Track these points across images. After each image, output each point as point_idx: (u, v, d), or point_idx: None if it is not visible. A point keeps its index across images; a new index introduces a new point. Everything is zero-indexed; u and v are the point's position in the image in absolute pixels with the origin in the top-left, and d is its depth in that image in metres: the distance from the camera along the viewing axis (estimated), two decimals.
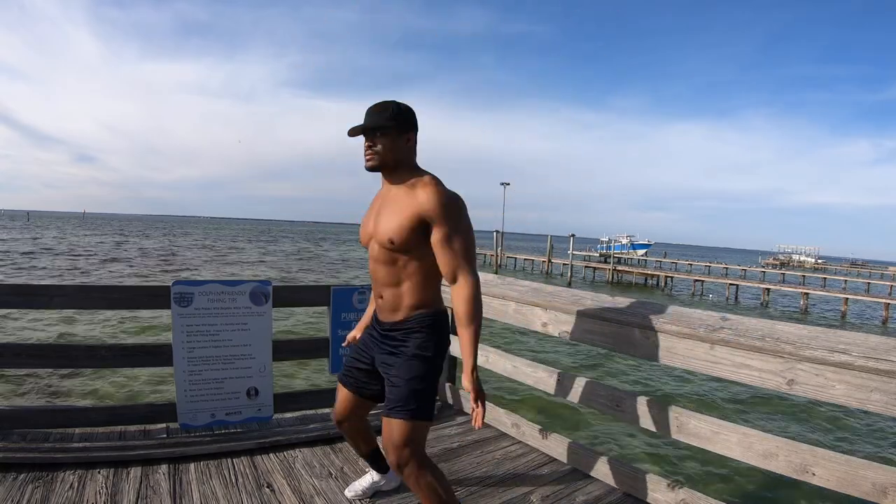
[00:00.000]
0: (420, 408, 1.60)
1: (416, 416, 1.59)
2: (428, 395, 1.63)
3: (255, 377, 2.53)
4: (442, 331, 1.71)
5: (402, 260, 1.62)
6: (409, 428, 1.58)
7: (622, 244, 45.20)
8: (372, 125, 1.61)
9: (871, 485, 1.43)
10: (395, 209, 1.61)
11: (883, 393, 1.40)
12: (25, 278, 16.92)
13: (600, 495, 2.10)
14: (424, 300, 1.66)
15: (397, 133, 1.62)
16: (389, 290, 1.67)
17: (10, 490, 1.87)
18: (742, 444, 1.72)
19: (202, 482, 2.04)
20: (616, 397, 2.13)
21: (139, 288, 3.37)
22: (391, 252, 1.62)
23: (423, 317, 1.65)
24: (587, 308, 2.17)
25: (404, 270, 1.63)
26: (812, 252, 71.13)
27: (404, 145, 1.65)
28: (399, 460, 1.58)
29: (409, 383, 1.60)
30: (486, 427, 2.75)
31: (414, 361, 1.63)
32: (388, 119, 1.61)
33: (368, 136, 1.63)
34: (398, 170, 1.66)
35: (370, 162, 1.64)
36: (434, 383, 1.68)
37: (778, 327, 1.67)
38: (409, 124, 1.66)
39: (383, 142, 1.61)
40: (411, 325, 1.65)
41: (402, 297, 1.65)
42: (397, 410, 1.59)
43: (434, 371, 1.67)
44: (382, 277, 1.67)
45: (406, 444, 1.57)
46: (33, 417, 2.43)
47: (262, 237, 63.69)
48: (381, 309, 1.72)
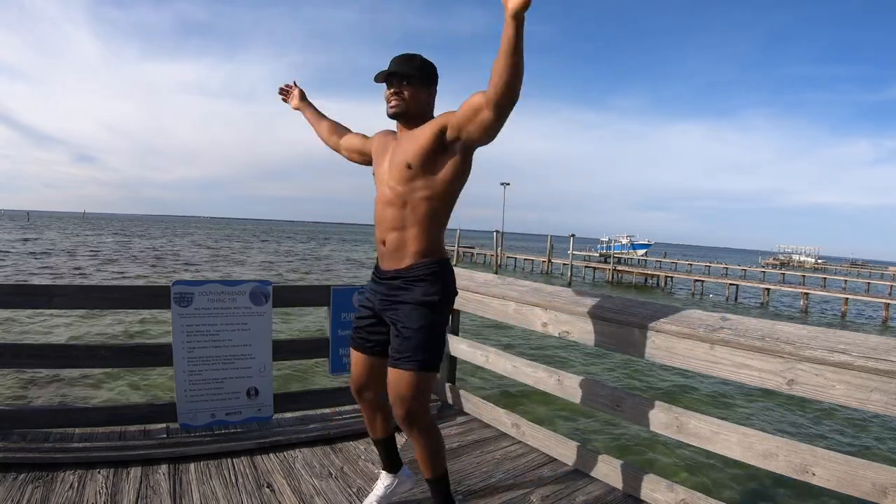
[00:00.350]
0: (428, 358, 1.57)
1: (423, 367, 1.56)
2: (436, 345, 1.60)
3: (255, 377, 2.53)
4: (447, 278, 1.67)
5: (411, 202, 1.61)
6: (417, 379, 1.55)
7: (622, 244, 45.20)
8: (400, 71, 1.62)
9: (871, 485, 1.43)
10: (410, 140, 1.62)
11: (883, 393, 1.40)
12: (41, 278, 16.92)
13: (600, 495, 2.10)
14: (429, 247, 1.63)
15: (422, 84, 1.65)
16: (394, 234, 1.63)
17: (10, 490, 1.87)
18: (742, 444, 1.72)
19: (202, 482, 2.04)
20: (616, 397, 2.14)
21: (139, 288, 3.37)
22: (404, 185, 1.60)
23: (427, 264, 1.62)
24: (587, 308, 2.17)
25: (412, 214, 1.61)
26: (812, 252, 71.16)
27: (426, 97, 1.67)
28: (408, 413, 1.56)
29: (417, 332, 1.57)
30: (486, 427, 2.75)
31: (421, 309, 1.59)
32: (415, 69, 1.63)
33: (395, 82, 1.63)
34: (418, 119, 1.66)
35: (395, 108, 1.64)
36: (442, 332, 1.66)
37: (778, 327, 1.67)
38: (433, 78, 1.69)
39: (409, 90, 1.63)
40: (416, 272, 1.62)
41: (407, 242, 1.63)
42: (405, 360, 1.56)
43: (442, 319, 1.64)
44: (389, 220, 1.64)
45: (414, 396, 1.55)
46: (33, 417, 2.43)
47: (265, 237, 63.62)
48: (384, 256, 1.68)
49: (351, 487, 2.07)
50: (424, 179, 1.60)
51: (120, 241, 39.59)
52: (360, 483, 2.10)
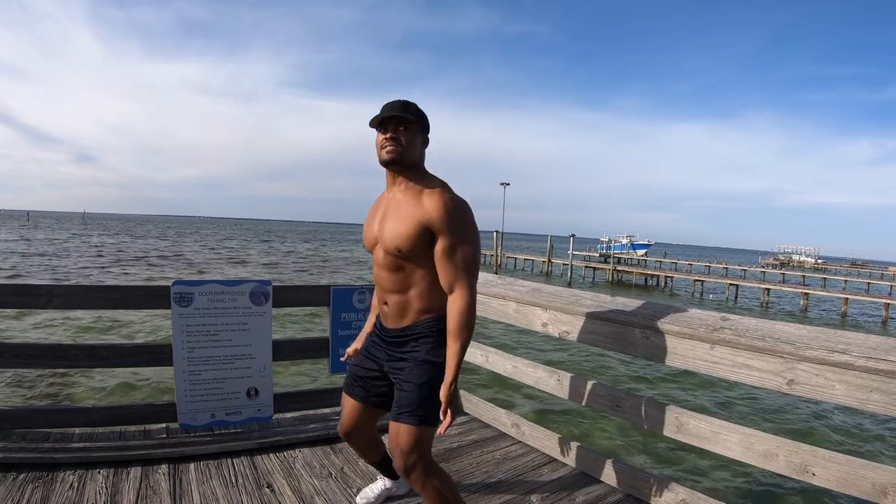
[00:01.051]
0: (428, 414, 1.56)
1: (423, 422, 1.56)
2: (436, 401, 1.58)
3: (255, 377, 2.53)
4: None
5: (408, 267, 1.59)
6: (417, 433, 1.55)
7: (622, 244, 45.19)
8: (400, 115, 1.56)
9: (871, 485, 1.43)
10: (401, 215, 1.57)
11: (883, 393, 1.40)
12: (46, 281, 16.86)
13: (600, 495, 2.10)
14: (432, 305, 1.61)
15: (418, 131, 1.61)
16: (395, 297, 1.62)
17: (10, 490, 1.87)
18: (742, 444, 1.72)
19: (202, 482, 2.04)
20: (616, 397, 2.14)
21: (139, 288, 3.36)
22: (397, 259, 1.58)
23: (431, 321, 1.61)
24: (587, 308, 2.17)
25: (411, 277, 1.60)
26: (812, 252, 71.12)
27: (420, 146, 1.64)
28: (406, 465, 1.56)
29: (419, 389, 1.57)
30: (486, 427, 2.75)
31: (425, 366, 1.59)
32: (414, 113, 1.59)
33: (392, 127, 1.57)
34: (411, 170, 1.62)
35: (391, 154, 1.56)
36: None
37: (778, 327, 1.67)
38: (427, 126, 1.66)
39: (406, 135, 1.58)
40: (420, 330, 1.62)
41: (409, 303, 1.61)
42: (406, 415, 1.56)
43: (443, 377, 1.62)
44: (388, 284, 1.63)
45: (413, 450, 1.55)
46: (33, 417, 2.43)
47: (267, 237, 63.49)
48: (387, 316, 1.67)
49: (351, 487, 2.07)
50: (417, 259, 1.57)
51: (122, 241, 39.51)
52: (360, 483, 2.10)
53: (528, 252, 40.99)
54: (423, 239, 1.54)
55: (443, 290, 1.59)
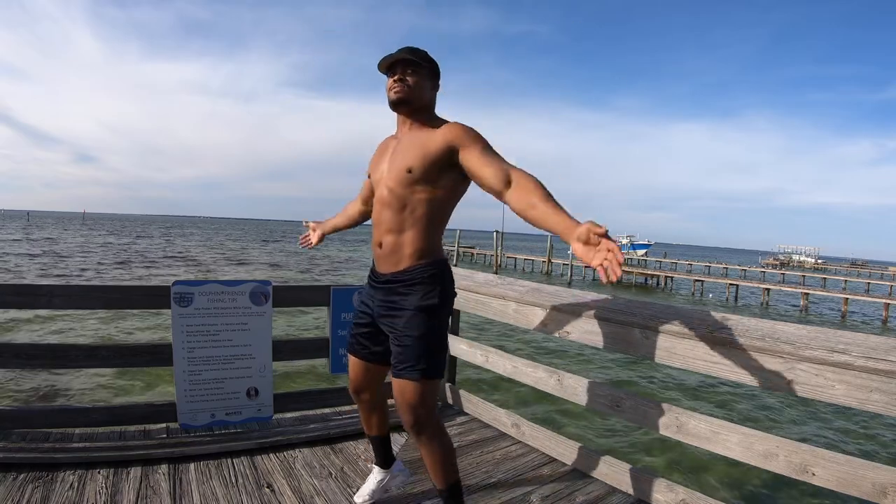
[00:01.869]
0: (431, 366, 1.54)
1: (426, 375, 1.54)
2: (438, 351, 1.58)
3: (255, 377, 2.53)
4: (445, 279, 1.64)
5: (410, 203, 1.56)
6: (422, 387, 1.53)
7: (622, 244, 45.20)
8: (407, 57, 1.59)
9: (871, 485, 1.43)
10: (415, 144, 1.57)
11: (883, 393, 1.40)
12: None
13: (600, 495, 2.10)
14: (427, 249, 1.59)
15: (427, 75, 1.62)
16: (391, 237, 1.60)
17: (10, 490, 1.87)
18: (742, 444, 1.72)
19: (202, 482, 2.04)
20: (616, 397, 2.13)
21: (139, 288, 3.37)
22: (403, 189, 1.56)
23: (425, 266, 1.58)
24: (587, 308, 2.16)
25: (411, 216, 1.57)
26: (812, 252, 71.13)
27: (430, 90, 1.65)
28: (414, 421, 1.55)
29: (418, 340, 1.54)
30: (486, 427, 2.75)
31: (421, 315, 1.55)
32: (422, 58, 1.60)
33: (400, 69, 1.60)
34: (420, 113, 1.63)
35: (399, 94, 1.58)
36: (443, 337, 1.63)
37: (778, 327, 1.67)
38: (437, 72, 1.67)
39: (414, 78, 1.59)
40: (413, 275, 1.58)
41: (404, 244, 1.58)
42: (408, 370, 1.53)
43: (442, 324, 1.61)
44: (387, 222, 1.60)
45: (420, 404, 1.53)
46: (33, 417, 2.43)
47: (270, 238, 63.35)
48: (381, 258, 1.64)
49: (351, 487, 2.07)
50: (425, 184, 1.56)
51: (125, 242, 39.40)
52: (360, 483, 2.10)
53: (528, 252, 40.99)
54: (441, 158, 1.53)
55: (438, 234, 1.63)
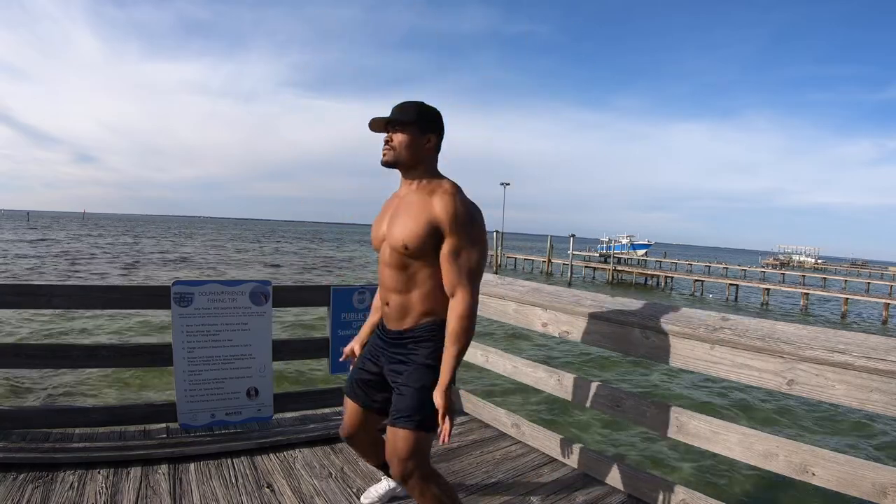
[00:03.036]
0: (426, 418, 1.55)
1: (421, 427, 1.54)
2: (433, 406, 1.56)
3: (255, 377, 2.53)
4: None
5: (413, 266, 1.58)
6: (414, 438, 1.53)
7: (622, 244, 45.20)
8: (391, 119, 1.59)
9: (871, 485, 1.43)
10: (410, 214, 1.57)
11: (883, 393, 1.40)
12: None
13: (600, 495, 2.10)
14: (433, 308, 1.60)
15: (417, 132, 1.60)
16: (397, 297, 1.61)
17: (10, 490, 1.87)
18: (742, 444, 1.72)
19: (202, 482, 2.04)
20: (616, 397, 2.14)
21: (139, 288, 3.37)
22: (403, 257, 1.57)
23: (431, 325, 1.60)
24: (587, 308, 2.17)
25: (415, 277, 1.58)
26: (812, 252, 71.09)
27: (423, 146, 1.61)
28: (403, 472, 1.54)
29: (416, 393, 1.56)
30: (486, 427, 2.75)
31: (423, 370, 1.58)
32: (408, 116, 1.59)
33: (390, 129, 1.61)
34: (415, 170, 1.62)
35: (385, 157, 1.61)
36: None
37: (778, 327, 1.67)
38: (431, 126, 1.62)
39: (400, 138, 1.59)
40: (419, 333, 1.60)
41: (411, 304, 1.60)
42: (403, 420, 1.54)
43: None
44: (391, 283, 1.62)
45: (410, 456, 1.53)
46: (33, 417, 2.43)
47: (273, 238, 63.13)
48: (388, 317, 1.66)
49: (351, 488, 2.07)
50: (422, 258, 1.56)
51: (129, 242, 39.30)
52: (360, 483, 2.10)
53: (528, 252, 40.98)
54: (431, 238, 1.53)
55: (444, 294, 1.58)
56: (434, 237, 1.53)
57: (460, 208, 1.53)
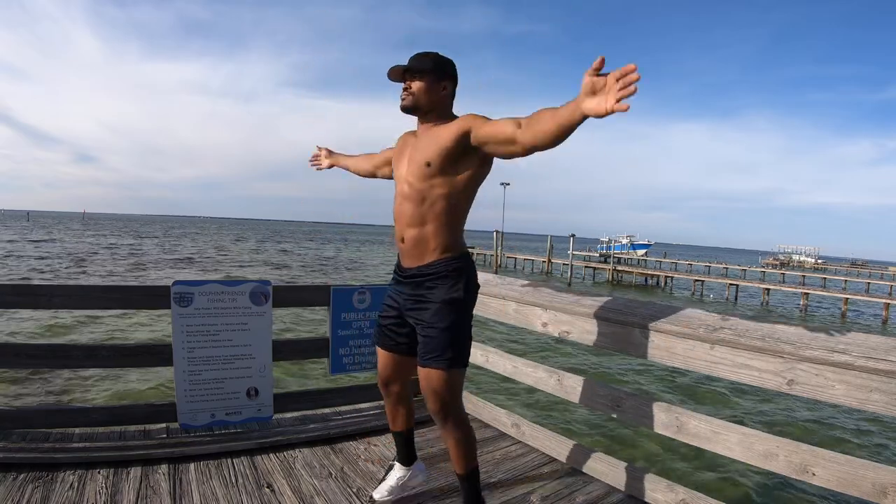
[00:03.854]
0: (456, 356, 1.62)
1: (453, 364, 1.61)
2: (463, 341, 1.65)
3: (255, 377, 2.53)
4: (470, 273, 1.70)
5: (429, 198, 1.63)
6: (447, 376, 1.60)
7: (622, 244, 45.21)
8: (409, 67, 1.67)
9: (871, 485, 1.43)
10: (431, 140, 1.65)
11: (883, 393, 1.40)
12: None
13: (600, 495, 2.10)
14: (449, 243, 1.66)
15: (433, 78, 1.68)
16: (413, 231, 1.66)
17: (10, 490, 1.87)
18: (742, 444, 1.72)
19: (202, 482, 2.04)
20: (616, 397, 2.13)
21: (139, 288, 3.37)
22: (422, 183, 1.64)
23: (449, 260, 1.65)
24: (587, 308, 2.17)
25: (431, 209, 1.64)
26: (812, 252, 71.06)
27: (439, 92, 1.70)
28: (440, 406, 1.62)
29: (443, 332, 1.61)
30: (486, 427, 2.75)
31: (447, 307, 1.62)
32: (425, 64, 1.67)
33: (408, 77, 1.69)
34: (432, 114, 1.70)
35: (403, 101, 1.70)
36: (468, 328, 1.70)
37: (778, 327, 1.67)
38: (445, 73, 1.71)
39: (418, 84, 1.67)
40: (437, 269, 1.65)
41: (427, 239, 1.65)
42: (434, 360, 1.61)
43: (467, 316, 1.68)
44: (408, 216, 1.67)
45: (446, 392, 1.61)
46: (33, 417, 2.43)
47: (278, 238, 62.90)
48: (405, 253, 1.72)
49: (351, 487, 2.07)
50: (443, 177, 1.63)
51: (133, 242, 39.14)
52: (360, 483, 2.10)
53: (528, 252, 40.97)
54: (456, 147, 1.60)
55: (459, 228, 1.70)
56: (460, 145, 1.60)
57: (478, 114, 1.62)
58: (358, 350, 2.81)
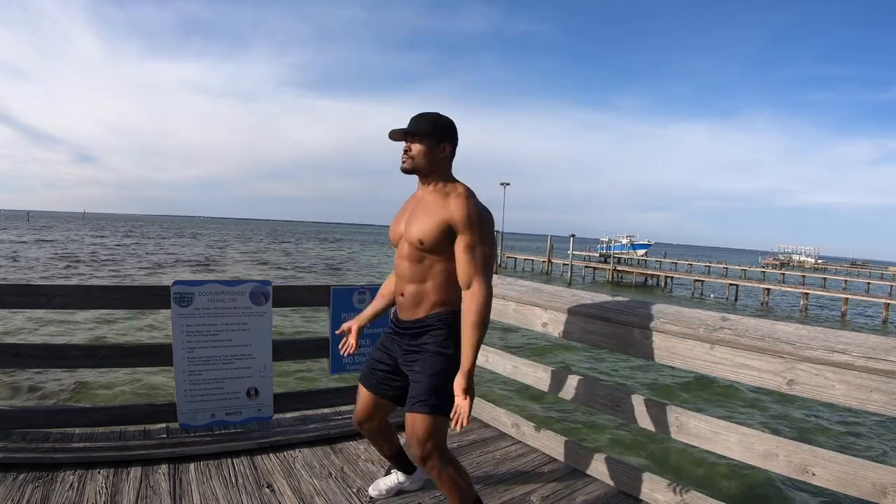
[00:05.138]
0: (440, 402, 1.65)
1: (436, 411, 1.64)
2: (448, 391, 1.67)
3: (255, 377, 2.53)
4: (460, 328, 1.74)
5: (428, 259, 1.70)
6: (431, 422, 1.64)
7: (622, 244, 45.19)
8: (409, 130, 1.72)
9: (871, 485, 1.43)
10: (427, 213, 1.69)
11: (883, 393, 1.40)
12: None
13: (600, 495, 2.10)
14: (445, 299, 1.72)
15: (433, 141, 1.72)
16: (412, 287, 1.73)
17: (10, 490, 1.87)
18: (742, 444, 1.72)
19: (202, 482, 2.04)
20: (616, 397, 2.13)
21: (139, 288, 3.37)
22: (419, 251, 1.69)
23: (443, 315, 1.71)
24: (587, 308, 2.17)
25: (430, 270, 1.70)
26: (812, 252, 71.02)
27: (439, 154, 1.74)
28: (423, 453, 1.65)
29: (430, 379, 1.66)
30: (486, 427, 2.75)
31: (435, 357, 1.69)
32: (425, 127, 1.72)
33: (408, 139, 1.73)
34: (432, 176, 1.74)
35: (404, 164, 1.74)
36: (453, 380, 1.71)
37: (778, 327, 1.67)
38: (446, 136, 1.75)
39: (418, 147, 1.72)
40: (431, 322, 1.71)
41: (425, 295, 1.72)
42: (419, 405, 1.65)
43: (454, 367, 1.71)
44: (408, 274, 1.73)
45: (428, 438, 1.64)
46: (33, 417, 2.43)
47: (282, 239, 62.67)
48: (402, 307, 1.78)
49: (351, 487, 2.07)
50: (437, 253, 1.69)
51: (136, 243, 38.99)
52: (360, 483, 2.10)
53: (528, 252, 40.96)
54: (445, 235, 1.65)
55: (457, 285, 1.70)
56: (448, 234, 1.65)
57: (473, 210, 1.66)
58: (358, 350, 2.81)
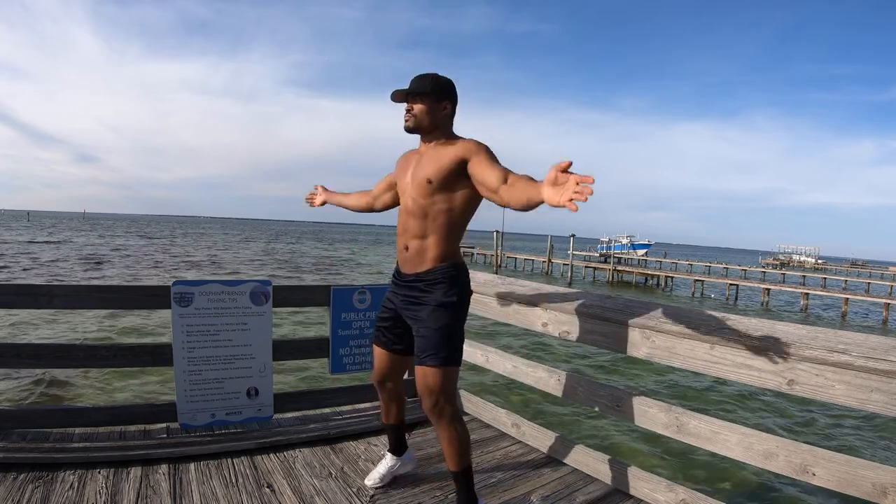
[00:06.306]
0: (450, 354, 1.72)
1: (447, 363, 1.71)
2: (456, 342, 1.76)
3: (256, 377, 2.53)
4: (464, 280, 1.82)
5: (431, 213, 1.75)
6: (442, 374, 1.70)
7: (622, 244, 45.20)
8: (410, 90, 1.77)
9: (871, 485, 1.44)
10: (433, 158, 1.76)
11: (883, 393, 1.40)
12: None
13: (600, 495, 2.10)
14: (447, 253, 1.78)
15: (434, 99, 1.77)
16: (416, 242, 1.78)
17: (10, 490, 1.87)
18: (742, 444, 1.72)
19: (202, 482, 2.04)
20: (616, 397, 2.14)
21: (139, 288, 3.38)
22: (425, 199, 1.75)
23: (445, 268, 1.77)
24: (587, 308, 2.17)
25: (433, 223, 1.76)
26: (812, 252, 71.01)
27: (440, 112, 1.79)
28: (434, 404, 1.71)
29: (438, 332, 1.72)
30: (486, 427, 2.75)
31: (440, 310, 1.74)
32: (425, 85, 1.76)
33: (410, 99, 1.79)
34: (434, 133, 1.81)
35: (406, 123, 1.79)
36: (460, 330, 1.81)
37: (778, 327, 1.67)
38: (445, 93, 1.80)
39: (419, 106, 1.77)
40: (435, 275, 1.77)
41: (427, 248, 1.77)
42: (430, 357, 1.71)
43: (460, 318, 1.78)
44: (411, 228, 1.79)
45: (441, 390, 1.70)
46: (33, 417, 2.43)
47: (285, 239, 62.60)
48: (405, 261, 1.83)
49: (351, 487, 2.07)
50: (443, 194, 1.75)
51: (141, 243, 38.86)
52: (360, 483, 2.10)
53: (528, 252, 40.94)
54: (454, 169, 1.71)
55: (457, 240, 1.81)
56: (458, 169, 1.71)
57: (480, 142, 1.74)
58: (358, 350, 2.82)
